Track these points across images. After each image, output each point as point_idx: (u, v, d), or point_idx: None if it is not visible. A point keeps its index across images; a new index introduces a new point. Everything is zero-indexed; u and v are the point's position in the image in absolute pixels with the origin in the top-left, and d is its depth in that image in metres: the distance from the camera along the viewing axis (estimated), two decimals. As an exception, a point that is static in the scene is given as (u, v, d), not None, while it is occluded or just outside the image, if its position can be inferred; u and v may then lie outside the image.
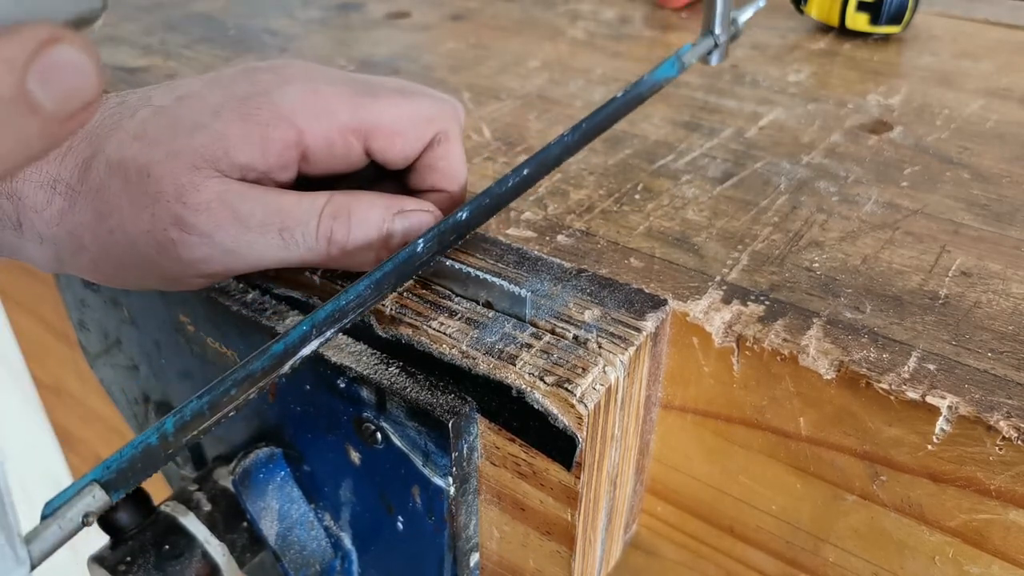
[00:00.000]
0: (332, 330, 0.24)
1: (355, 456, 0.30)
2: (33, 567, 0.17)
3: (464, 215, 0.28)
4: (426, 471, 0.28)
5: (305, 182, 0.29)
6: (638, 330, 0.27)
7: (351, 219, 0.28)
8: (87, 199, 0.27)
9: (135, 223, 0.27)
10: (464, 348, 0.27)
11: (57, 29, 0.12)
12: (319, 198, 0.28)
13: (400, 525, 0.31)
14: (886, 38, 0.56)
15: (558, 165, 0.32)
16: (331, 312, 0.24)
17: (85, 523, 0.19)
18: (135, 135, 0.27)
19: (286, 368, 0.22)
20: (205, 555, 0.31)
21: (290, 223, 0.27)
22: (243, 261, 0.27)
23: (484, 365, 0.26)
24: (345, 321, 0.24)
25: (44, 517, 0.18)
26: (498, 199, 0.30)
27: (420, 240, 0.27)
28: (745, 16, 0.45)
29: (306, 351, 0.23)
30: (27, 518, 0.16)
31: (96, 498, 0.19)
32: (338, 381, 0.29)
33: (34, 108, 0.13)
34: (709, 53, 0.42)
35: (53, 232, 0.27)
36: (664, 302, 0.29)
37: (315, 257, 0.28)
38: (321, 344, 0.23)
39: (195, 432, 0.21)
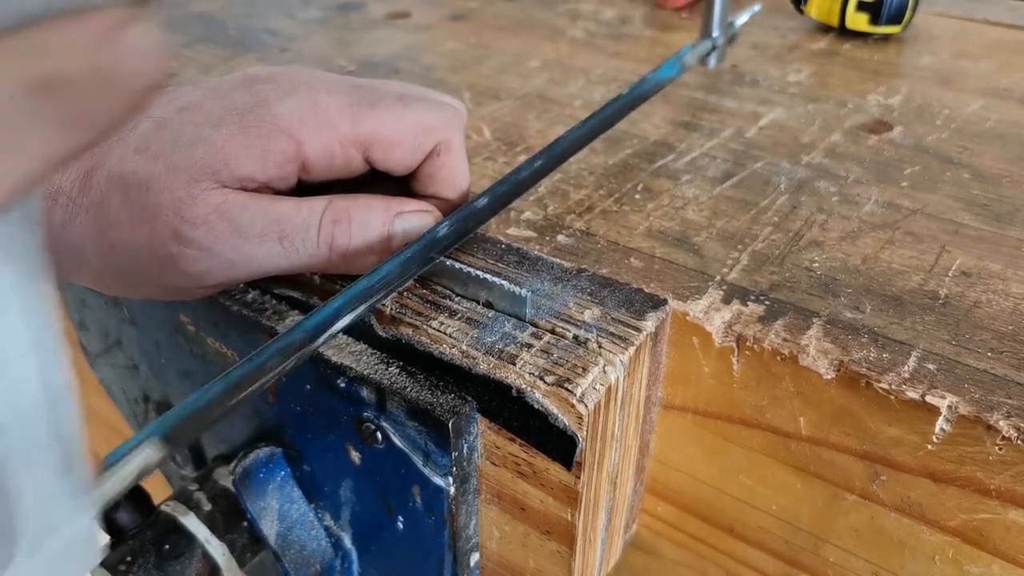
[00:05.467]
0: (364, 306, 0.25)
1: (355, 456, 0.30)
2: (95, 515, 0.17)
3: (484, 201, 0.29)
4: (426, 471, 0.28)
5: (304, 183, 0.29)
6: (638, 330, 0.27)
7: (352, 223, 0.28)
8: (88, 212, 0.27)
9: (135, 238, 0.27)
10: (464, 348, 0.27)
11: (129, 12, 0.13)
12: (318, 204, 0.28)
13: (400, 525, 0.31)
14: (886, 38, 0.56)
15: (568, 157, 0.33)
16: (362, 290, 0.26)
17: (143, 474, 0.19)
18: (136, 148, 0.27)
19: (320, 341, 0.24)
20: (205, 555, 0.31)
21: (289, 231, 0.27)
22: (245, 271, 0.27)
23: (484, 365, 0.26)
24: (376, 299, 0.26)
25: (106, 468, 0.19)
26: (519, 185, 0.31)
27: (445, 223, 0.28)
28: (741, 20, 0.48)
29: (338, 326, 0.25)
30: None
31: (154, 451, 0.20)
32: (338, 381, 0.29)
33: (111, 86, 0.13)
34: (707, 55, 0.45)
35: (53, 244, 0.27)
36: (664, 302, 0.29)
37: (316, 263, 0.28)
38: (352, 320, 0.25)
39: (240, 396, 0.22)
